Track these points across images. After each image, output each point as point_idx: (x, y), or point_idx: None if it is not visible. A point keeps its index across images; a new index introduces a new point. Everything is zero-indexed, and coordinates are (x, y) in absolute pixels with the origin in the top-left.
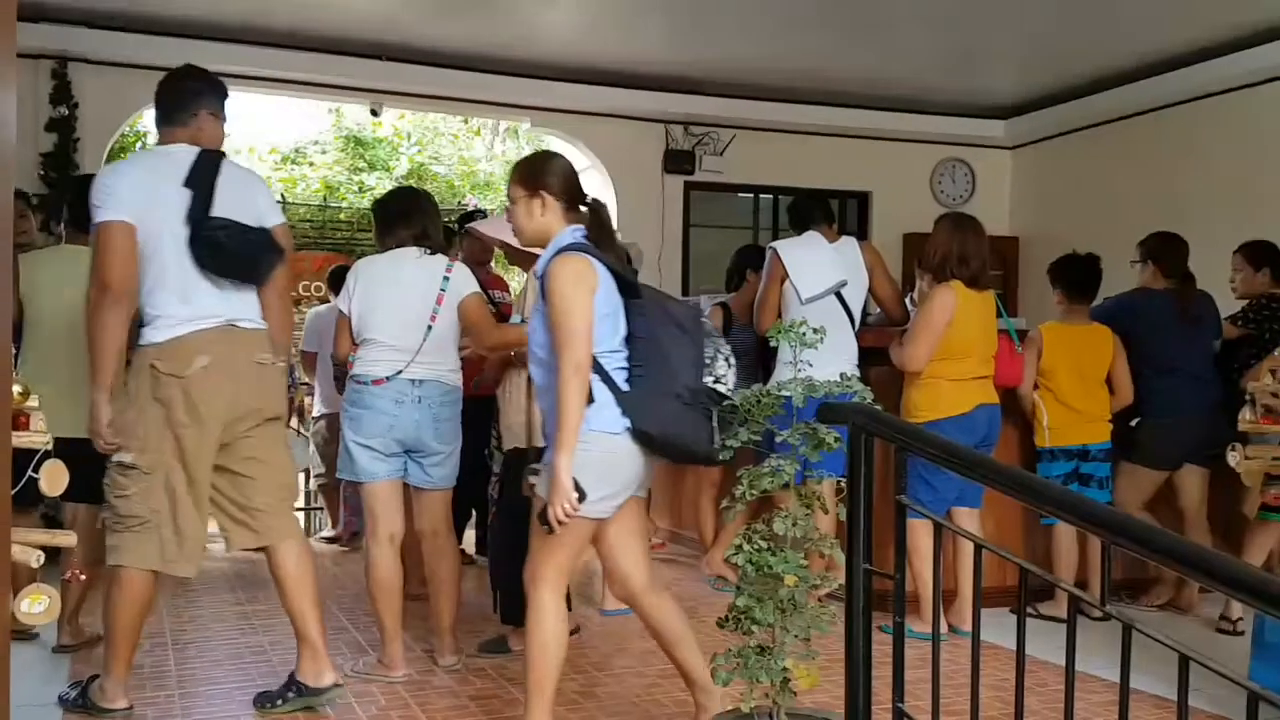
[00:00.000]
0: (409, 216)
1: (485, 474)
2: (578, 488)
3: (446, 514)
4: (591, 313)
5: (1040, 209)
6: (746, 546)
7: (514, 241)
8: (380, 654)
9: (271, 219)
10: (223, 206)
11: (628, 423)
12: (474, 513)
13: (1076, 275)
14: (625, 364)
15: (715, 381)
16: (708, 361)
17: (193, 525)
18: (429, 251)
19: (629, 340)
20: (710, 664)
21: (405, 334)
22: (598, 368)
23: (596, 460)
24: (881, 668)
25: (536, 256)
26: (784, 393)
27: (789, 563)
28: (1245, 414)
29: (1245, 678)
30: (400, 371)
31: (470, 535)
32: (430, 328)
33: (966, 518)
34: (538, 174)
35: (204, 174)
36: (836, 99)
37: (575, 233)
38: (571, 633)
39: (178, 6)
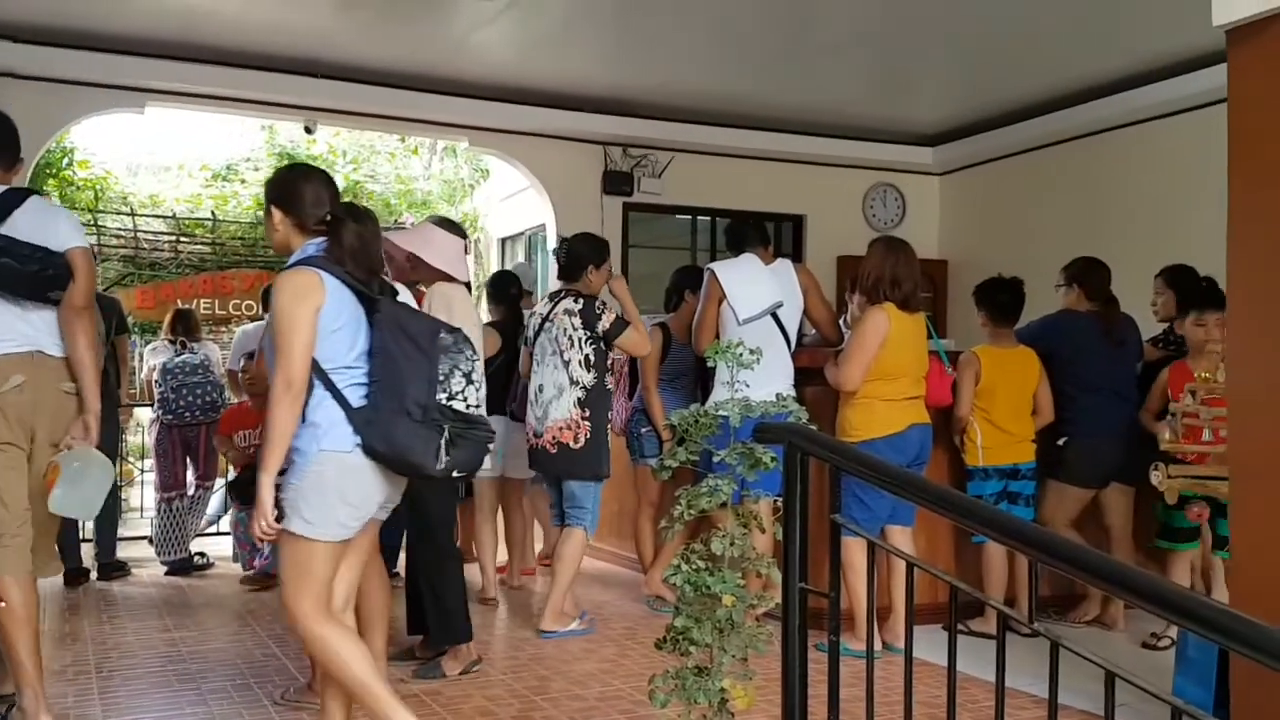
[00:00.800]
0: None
1: None
2: (278, 505)
3: (375, 538)
4: (310, 330)
5: (968, 233)
6: (685, 567)
7: (423, 254)
8: (311, 680)
9: (71, 243)
10: (19, 231)
11: (358, 440)
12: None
13: (1002, 298)
14: (364, 380)
15: (450, 399)
16: (441, 378)
17: (11, 528)
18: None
19: (370, 355)
20: (649, 685)
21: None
22: (329, 385)
23: (332, 480)
24: (817, 686)
25: (441, 273)
26: (721, 413)
27: (726, 582)
28: (1166, 434)
29: (1169, 693)
30: None
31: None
32: None
33: (899, 535)
34: (270, 188)
35: (4, 204)
36: (772, 124)
37: (311, 247)
38: (474, 664)
39: (107, 21)
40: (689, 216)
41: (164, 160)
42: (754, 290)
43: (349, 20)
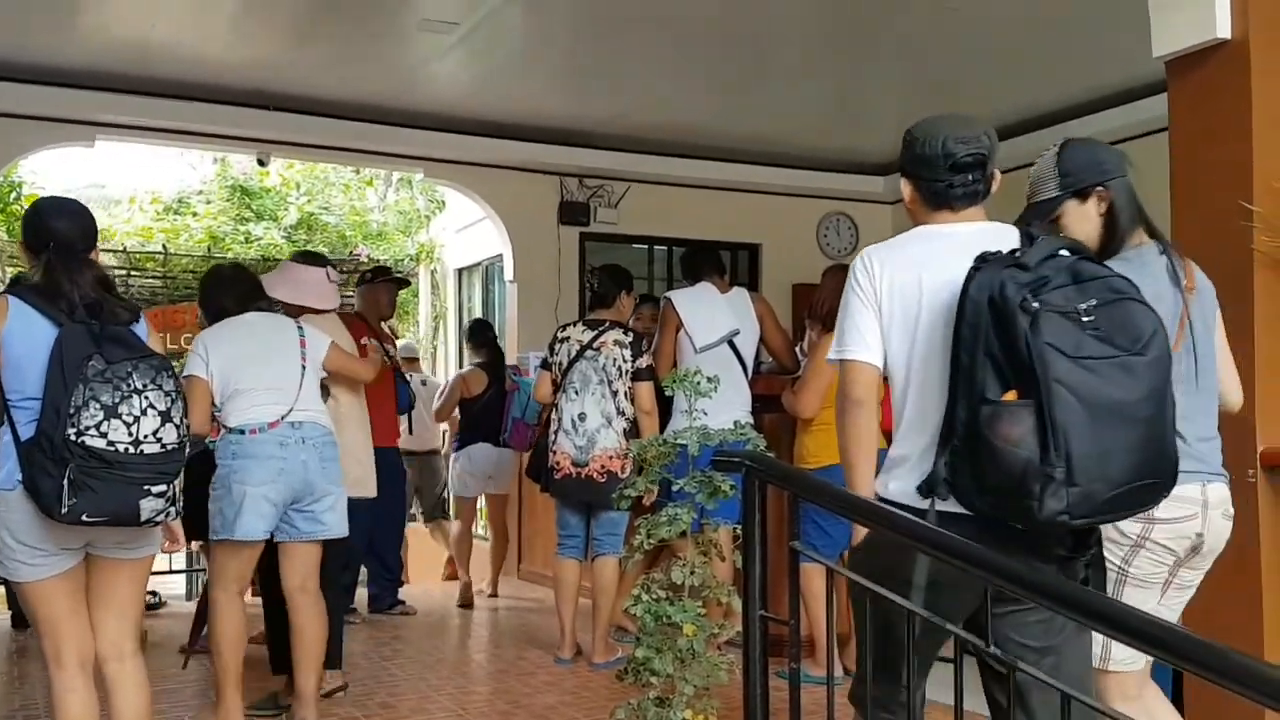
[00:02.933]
0: (218, 293)
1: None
2: None
3: (317, 567)
4: None
5: None
6: (645, 597)
7: (276, 293)
8: (218, 706)
9: None
10: None
11: (19, 476)
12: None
13: None
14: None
15: (79, 434)
16: (72, 410)
17: None
18: (269, 309)
19: None
20: (610, 718)
21: (282, 379)
22: (8, 417)
23: (2, 518)
24: (779, 714)
25: (299, 307)
26: (680, 441)
27: (687, 611)
28: None
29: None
30: (284, 415)
31: (363, 592)
32: (304, 368)
33: None
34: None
35: None
36: (726, 154)
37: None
38: (341, 689)
39: (56, 55)
40: (645, 246)
41: (114, 193)
42: (710, 318)
43: (302, 53)
